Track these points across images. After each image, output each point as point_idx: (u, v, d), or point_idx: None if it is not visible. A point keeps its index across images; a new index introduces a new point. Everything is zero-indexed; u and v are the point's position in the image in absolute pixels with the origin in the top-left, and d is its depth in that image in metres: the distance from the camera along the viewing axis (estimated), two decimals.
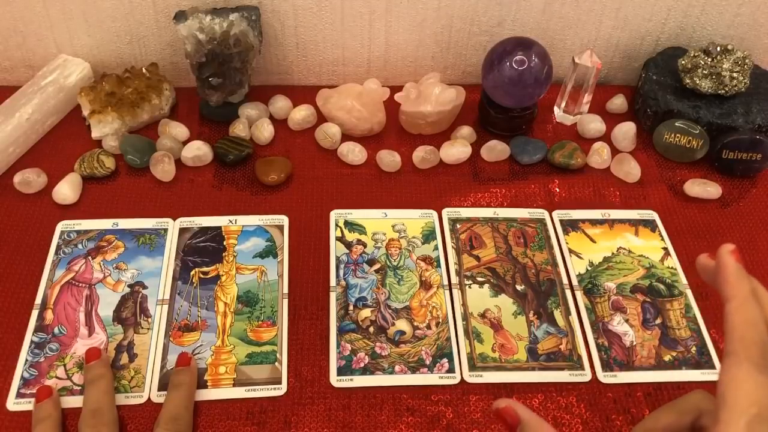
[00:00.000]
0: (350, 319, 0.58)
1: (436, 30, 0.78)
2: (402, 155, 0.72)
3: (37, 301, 0.58)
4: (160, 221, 0.64)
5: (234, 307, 0.58)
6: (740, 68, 0.72)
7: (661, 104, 0.75)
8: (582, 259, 0.64)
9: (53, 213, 0.65)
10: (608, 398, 0.54)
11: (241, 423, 0.51)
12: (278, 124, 0.75)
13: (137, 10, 0.73)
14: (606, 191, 0.71)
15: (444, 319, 0.59)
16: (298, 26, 0.76)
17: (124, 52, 0.77)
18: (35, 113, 0.70)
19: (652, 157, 0.75)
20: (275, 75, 0.81)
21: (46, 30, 0.75)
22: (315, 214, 0.66)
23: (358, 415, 0.52)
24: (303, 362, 0.55)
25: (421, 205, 0.68)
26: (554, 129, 0.78)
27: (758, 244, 0.66)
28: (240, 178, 0.70)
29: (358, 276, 0.61)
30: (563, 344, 0.57)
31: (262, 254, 0.62)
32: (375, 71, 0.81)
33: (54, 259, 0.61)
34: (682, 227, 0.68)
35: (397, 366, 0.55)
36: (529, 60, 0.68)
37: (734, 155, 0.71)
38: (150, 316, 0.57)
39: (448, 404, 0.53)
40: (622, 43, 0.81)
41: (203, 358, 0.55)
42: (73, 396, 0.52)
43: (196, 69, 0.70)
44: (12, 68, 0.78)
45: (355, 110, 0.72)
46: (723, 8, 0.78)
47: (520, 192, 0.70)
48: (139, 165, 0.69)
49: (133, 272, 0.60)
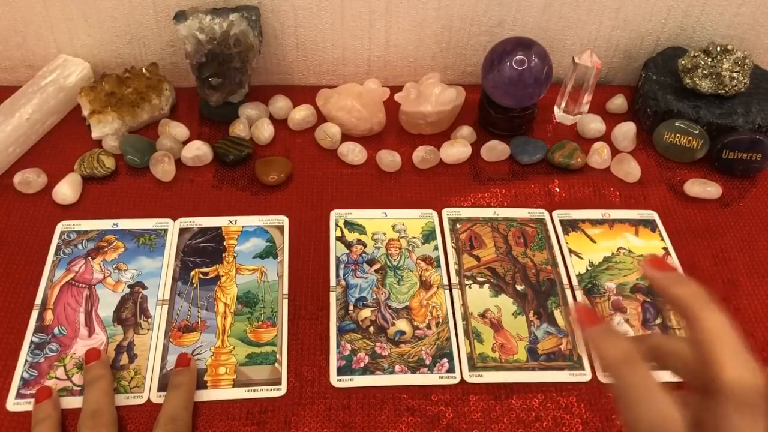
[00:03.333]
0: (350, 319, 0.58)
1: (436, 30, 0.78)
2: (402, 155, 0.72)
3: (37, 302, 0.58)
4: (160, 221, 0.64)
5: (234, 308, 0.58)
6: (740, 68, 0.72)
7: (661, 104, 0.75)
8: (582, 259, 0.64)
9: (53, 213, 0.65)
10: (608, 398, 0.54)
11: (240, 423, 0.51)
12: (278, 124, 0.75)
13: (137, 10, 0.73)
14: (606, 191, 0.71)
15: (444, 319, 0.59)
16: (298, 26, 0.76)
17: (124, 52, 0.77)
18: (35, 113, 0.70)
19: (652, 157, 0.75)
20: (275, 75, 0.81)
21: (46, 30, 0.75)
22: (315, 214, 0.66)
23: (358, 415, 0.52)
24: (303, 362, 0.55)
25: (421, 205, 0.68)
26: (554, 129, 0.78)
27: (758, 244, 0.66)
28: (240, 178, 0.69)
29: (358, 276, 0.61)
30: (563, 344, 0.57)
31: (262, 255, 0.62)
32: (375, 71, 0.81)
33: (54, 260, 0.61)
34: (682, 227, 0.68)
35: (397, 366, 0.55)
36: (529, 60, 0.68)
37: (734, 155, 0.71)
38: (150, 317, 0.57)
39: (448, 404, 0.53)
40: (622, 43, 0.81)
41: (203, 359, 0.55)
42: (73, 396, 0.52)
43: (196, 69, 0.70)
44: (12, 68, 0.78)
45: (355, 110, 0.72)
46: (723, 8, 0.78)
47: (520, 192, 0.70)
48: (139, 165, 0.69)
49: (133, 273, 0.60)
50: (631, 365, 0.32)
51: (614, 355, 0.32)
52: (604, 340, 0.33)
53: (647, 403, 0.30)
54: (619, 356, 0.32)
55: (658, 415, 0.30)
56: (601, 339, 0.33)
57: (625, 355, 0.32)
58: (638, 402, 0.30)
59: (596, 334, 0.33)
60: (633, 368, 0.32)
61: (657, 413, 0.30)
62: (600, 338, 0.33)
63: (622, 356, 0.32)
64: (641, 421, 0.30)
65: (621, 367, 0.32)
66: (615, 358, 0.32)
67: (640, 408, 0.30)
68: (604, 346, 0.33)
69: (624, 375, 0.31)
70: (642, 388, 0.31)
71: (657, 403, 0.30)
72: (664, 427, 0.30)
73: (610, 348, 0.32)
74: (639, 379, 0.31)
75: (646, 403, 0.30)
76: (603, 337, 0.33)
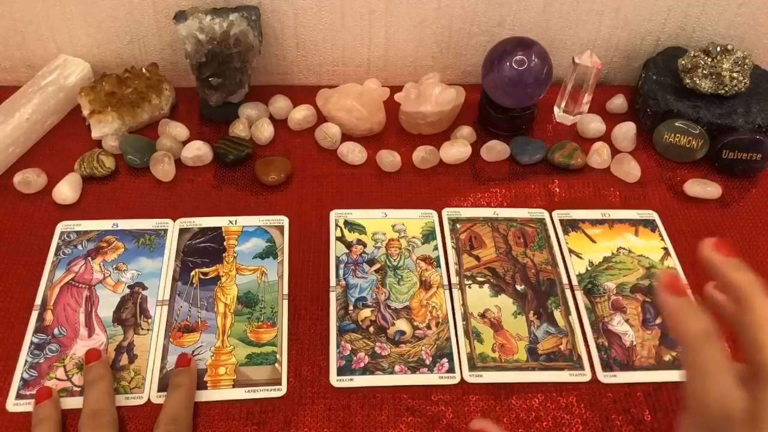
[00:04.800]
0: (350, 319, 0.58)
1: (436, 30, 0.78)
2: (402, 155, 0.72)
3: (37, 302, 0.58)
4: (160, 222, 0.64)
5: (234, 308, 0.58)
6: (740, 68, 0.72)
7: (661, 104, 0.75)
8: (582, 259, 0.64)
9: (53, 213, 0.65)
10: (608, 398, 0.54)
11: (240, 423, 0.51)
12: (278, 124, 0.75)
13: (137, 10, 0.73)
14: (606, 191, 0.71)
15: (444, 319, 0.59)
16: (298, 26, 0.76)
17: (124, 52, 0.77)
18: (35, 113, 0.70)
19: (652, 157, 0.75)
20: (275, 75, 0.81)
21: (46, 30, 0.75)
22: (315, 214, 0.66)
23: (358, 415, 0.52)
24: (303, 362, 0.55)
25: (421, 205, 0.68)
26: (554, 129, 0.78)
27: (758, 244, 0.66)
28: (240, 178, 0.69)
29: (358, 276, 0.61)
30: (563, 344, 0.57)
31: (262, 255, 0.62)
32: (375, 71, 0.81)
33: (54, 260, 0.61)
34: (682, 227, 0.68)
35: (397, 366, 0.55)
36: (529, 60, 0.68)
37: (734, 155, 0.71)
38: (150, 317, 0.57)
39: (448, 404, 0.53)
40: (622, 43, 0.81)
41: (203, 359, 0.55)
42: (73, 397, 0.52)
43: (196, 69, 0.70)
44: (12, 68, 0.78)
45: (355, 110, 0.72)
46: (723, 8, 0.78)
47: (520, 192, 0.70)
48: (139, 165, 0.69)
49: (133, 273, 0.60)
50: (709, 341, 0.33)
51: (695, 328, 0.33)
52: (686, 312, 0.34)
53: (716, 379, 0.32)
54: (699, 330, 0.33)
55: (725, 391, 0.32)
56: (683, 311, 0.34)
57: (705, 331, 0.33)
58: (709, 376, 0.32)
59: (679, 304, 0.35)
60: (710, 344, 0.33)
61: (725, 389, 0.32)
62: (682, 310, 0.34)
63: (702, 331, 0.33)
64: (707, 395, 0.32)
65: (699, 341, 0.33)
66: (695, 332, 0.33)
67: (708, 382, 0.32)
68: (685, 318, 0.34)
69: (701, 349, 0.33)
70: (715, 363, 0.32)
71: (726, 380, 0.32)
72: (729, 404, 0.31)
73: (692, 320, 0.34)
74: (713, 355, 0.33)
75: (715, 379, 0.32)
76: (685, 310, 0.34)
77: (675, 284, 0.35)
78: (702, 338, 0.33)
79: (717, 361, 0.32)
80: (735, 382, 0.32)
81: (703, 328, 0.33)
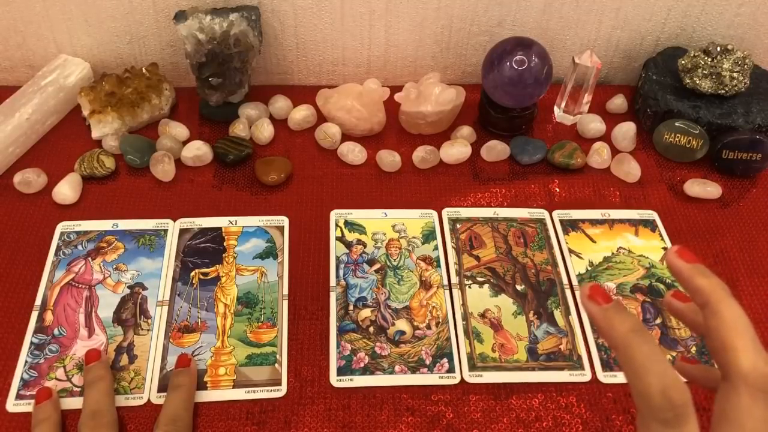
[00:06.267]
0: (350, 319, 0.58)
1: (436, 30, 0.78)
2: (402, 155, 0.72)
3: (37, 303, 0.58)
4: (160, 222, 0.64)
5: (234, 309, 0.58)
6: (740, 68, 0.72)
7: (661, 104, 0.75)
8: (582, 259, 0.64)
9: (53, 213, 0.65)
10: (608, 398, 0.54)
11: (240, 423, 0.51)
12: (278, 124, 0.75)
13: (137, 10, 0.73)
14: (606, 191, 0.71)
15: (444, 319, 0.59)
16: (298, 26, 0.76)
17: (124, 52, 0.77)
18: (35, 113, 0.70)
19: (652, 157, 0.75)
20: (275, 75, 0.81)
21: (46, 30, 0.75)
22: (315, 214, 0.66)
23: (358, 415, 0.52)
24: (303, 362, 0.55)
25: (420, 205, 0.68)
26: (554, 129, 0.78)
27: (758, 244, 0.66)
28: (240, 178, 0.69)
29: (358, 276, 0.61)
30: (563, 344, 0.58)
31: (262, 255, 0.62)
32: (375, 71, 0.81)
33: (54, 260, 0.61)
34: (682, 227, 0.68)
35: (397, 366, 0.55)
36: (529, 60, 0.68)
37: (734, 155, 0.71)
38: (150, 318, 0.57)
39: (448, 404, 0.53)
40: (622, 43, 0.81)
41: (203, 360, 0.55)
42: (73, 397, 0.52)
43: (196, 69, 0.70)
44: (12, 68, 0.78)
45: (355, 110, 0.72)
46: (723, 8, 0.78)
47: (520, 192, 0.70)
48: (139, 165, 0.69)
49: (133, 273, 0.60)
50: (640, 335, 0.33)
51: (622, 329, 0.33)
52: (611, 316, 0.34)
53: (658, 369, 0.31)
54: (626, 329, 0.33)
55: (664, 380, 0.31)
56: (608, 315, 0.34)
57: (632, 328, 0.33)
58: (649, 369, 0.31)
59: (603, 310, 0.35)
60: (642, 337, 0.33)
61: (668, 380, 0.31)
62: (607, 314, 0.34)
63: (629, 329, 0.33)
64: (652, 387, 0.31)
65: (631, 337, 0.33)
66: (625, 329, 0.33)
67: (651, 375, 0.31)
68: (611, 321, 0.34)
69: (632, 347, 0.32)
70: (652, 355, 0.32)
71: (662, 370, 0.31)
72: (676, 393, 0.31)
73: (617, 322, 0.34)
74: (649, 347, 0.32)
75: (657, 370, 0.31)
76: (610, 314, 0.34)
77: (597, 292, 0.35)
78: (630, 336, 0.33)
79: (650, 354, 0.32)
80: (672, 369, 0.32)
81: (629, 327, 0.33)
